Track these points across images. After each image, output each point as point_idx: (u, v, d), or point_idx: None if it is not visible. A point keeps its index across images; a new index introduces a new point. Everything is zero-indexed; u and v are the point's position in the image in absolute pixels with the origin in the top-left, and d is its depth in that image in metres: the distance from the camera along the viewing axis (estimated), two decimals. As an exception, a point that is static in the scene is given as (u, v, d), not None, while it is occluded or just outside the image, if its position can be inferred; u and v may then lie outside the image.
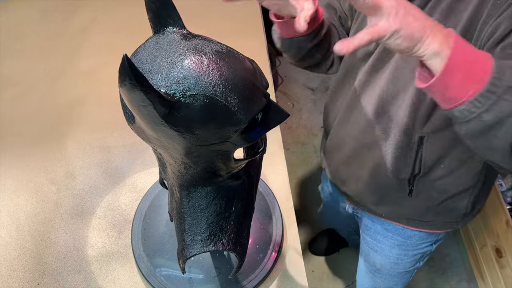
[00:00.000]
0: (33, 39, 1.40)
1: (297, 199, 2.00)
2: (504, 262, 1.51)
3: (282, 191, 1.01)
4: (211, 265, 0.88)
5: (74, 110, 1.20)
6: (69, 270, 0.91)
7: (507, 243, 1.48)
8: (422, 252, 1.09)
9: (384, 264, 1.15)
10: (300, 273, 0.90)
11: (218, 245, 0.68)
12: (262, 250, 0.90)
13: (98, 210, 1.00)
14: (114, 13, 1.47)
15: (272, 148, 1.09)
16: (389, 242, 1.08)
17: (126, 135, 1.13)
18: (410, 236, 1.04)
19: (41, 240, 0.95)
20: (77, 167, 1.08)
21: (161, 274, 0.87)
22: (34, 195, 1.03)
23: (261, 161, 0.76)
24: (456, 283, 1.77)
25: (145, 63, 0.52)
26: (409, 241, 1.05)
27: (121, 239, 0.95)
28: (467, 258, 1.80)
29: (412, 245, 1.06)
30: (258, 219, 0.94)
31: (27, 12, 1.50)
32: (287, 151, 2.15)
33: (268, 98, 0.57)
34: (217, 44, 0.54)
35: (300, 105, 2.36)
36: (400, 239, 1.05)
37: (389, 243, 1.08)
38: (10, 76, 1.29)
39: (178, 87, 0.49)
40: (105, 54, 1.34)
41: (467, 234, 1.79)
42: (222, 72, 0.51)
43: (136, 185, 1.04)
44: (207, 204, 0.66)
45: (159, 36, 0.55)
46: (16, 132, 1.15)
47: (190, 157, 0.57)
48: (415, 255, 1.09)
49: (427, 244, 1.06)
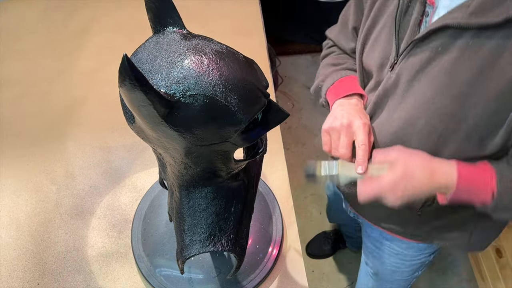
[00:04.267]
0: (33, 39, 1.40)
1: (297, 199, 2.00)
2: (504, 262, 1.51)
3: (282, 191, 1.01)
4: (211, 265, 0.88)
5: (74, 110, 1.20)
6: (69, 270, 0.91)
7: (507, 243, 1.48)
8: (421, 262, 1.08)
9: (382, 270, 1.14)
10: (300, 273, 0.90)
11: (217, 246, 0.68)
12: (262, 250, 0.90)
13: (98, 210, 1.00)
14: (114, 13, 1.47)
15: (272, 148, 1.09)
16: (387, 250, 1.07)
17: (126, 135, 1.13)
18: (408, 248, 1.02)
19: (41, 240, 0.95)
20: (77, 167, 1.08)
21: (161, 274, 0.87)
22: (34, 195, 1.03)
23: (261, 162, 0.76)
24: (456, 283, 1.77)
25: (145, 63, 0.52)
26: (406, 252, 1.04)
27: (121, 239, 0.95)
28: (467, 258, 1.80)
29: (410, 255, 1.05)
30: (258, 219, 0.94)
31: (27, 12, 1.50)
32: (287, 151, 2.15)
33: (268, 98, 0.57)
34: (217, 44, 0.54)
35: (300, 105, 2.36)
36: (398, 249, 1.04)
37: (387, 251, 1.07)
38: (10, 76, 1.29)
39: (178, 87, 0.49)
40: (105, 54, 1.34)
41: (467, 234, 1.79)
42: (222, 72, 0.51)
43: (136, 185, 1.04)
44: (206, 204, 0.65)
45: (159, 36, 0.55)
46: (16, 132, 1.15)
47: (190, 157, 0.57)
48: (413, 265, 1.08)
49: (425, 255, 1.05)
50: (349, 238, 1.77)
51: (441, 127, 0.71)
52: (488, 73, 0.63)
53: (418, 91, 0.71)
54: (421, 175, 0.67)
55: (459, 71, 0.66)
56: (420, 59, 0.70)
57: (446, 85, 0.68)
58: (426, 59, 0.69)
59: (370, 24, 0.81)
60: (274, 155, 1.08)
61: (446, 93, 0.68)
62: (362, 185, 0.71)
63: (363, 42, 0.84)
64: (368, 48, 0.83)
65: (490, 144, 0.70)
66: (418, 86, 0.71)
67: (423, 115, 0.72)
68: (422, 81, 0.71)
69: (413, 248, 1.02)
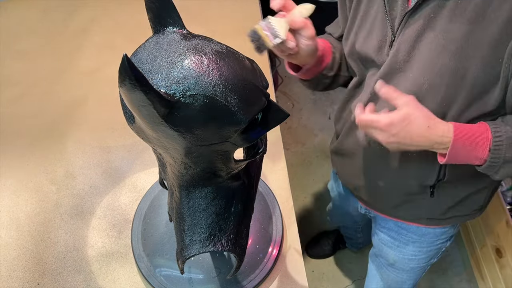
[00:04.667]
0: (33, 39, 1.40)
1: (297, 199, 2.00)
2: (504, 262, 1.51)
3: (282, 191, 1.01)
4: (211, 265, 0.88)
5: (74, 110, 1.20)
6: (69, 270, 0.91)
7: (507, 243, 1.48)
8: (437, 248, 1.09)
9: (398, 260, 1.14)
10: (300, 273, 0.90)
11: (217, 246, 0.68)
12: (262, 250, 0.90)
13: (98, 210, 1.00)
14: (114, 13, 1.47)
15: (272, 148, 1.09)
16: (403, 239, 1.07)
17: (126, 135, 1.13)
18: (424, 234, 1.04)
19: (41, 240, 0.95)
20: (77, 167, 1.08)
21: (161, 274, 0.87)
22: (34, 195, 1.03)
23: (261, 162, 0.76)
24: (456, 283, 1.77)
25: (145, 63, 0.52)
26: (423, 239, 1.05)
27: (121, 239, 0.95)
28: (467, 258, 1.79)
29: (427, 242, 1.06)
30: (258, 219, 0.94)
31: (27, 12, 1.50)
32: (287, 151, 2.15)
33: (268, 98, 0.57)
34: (217, 44, 0.54)
35: (300, 105, 2.36)
36: (414, 237, 1.05)
37: (404, 240, 1.08)
38: (10, 76, 1.29)
39: (178, 87, 0.49)
40: (105, 54, 1.34)
41: (467, 234, 1.79)
42: (222, 72, 0.51)
43: (136, 185, 1.04)
44: (206, 204, 0.65)
45: (159, 36, 0.55)
46: (16, 132, 1.15)
47: (190, 157, 0.57)
48: (429, 251, 1.09)
49: (442, 240, 1.06)
50: (349, 239, 1.78)
51: (444, 87, 0.73)
52: (480, 24, 0.67)
53: (419, 59, 0.74)
54: (419, 124, 0.69)
55: (452, 28, 0.69)
56: (415, 29, 0.73)
57: (442, 45, 0.71)
58: (421, 27, 0.72)
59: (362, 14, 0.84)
60: (274, 155, 1.08)
61: (444, 52, 0.71)
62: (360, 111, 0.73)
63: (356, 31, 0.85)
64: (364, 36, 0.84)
65: (491, 99, 0.72)
66: (418, 54, 0.74)
67: (426, 79, 0.74)
68: (421, 48, 0.74)
69: (429, 234, 1.03)
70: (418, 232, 1.04)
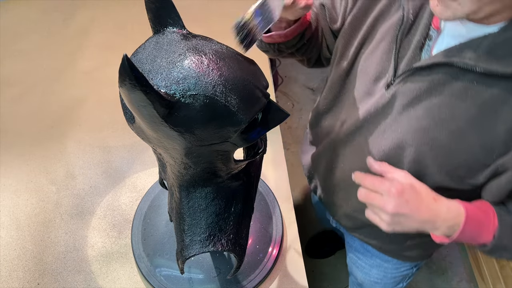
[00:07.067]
0: (33, 39, 1.40)
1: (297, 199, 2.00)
2: (504, 262, 1.51)
3: (282, 191, 1.01)
4: (211, 265, 0.88)
5: (74, 110, 1.20)
6: (69, 270, 0.91)
7: (507, 243, 1.48)
8: (402, 276, 1.06)
9: (365, 281, 1.12)
10: (300, 273, 0.90)
11: (217, 246, 0.68)
12: (262, 250, 0.90)
13: (98, 210, 1.00)
14: (114, 13, 1.47)
15: (272, 148, 1.09)
16: (368, 261, 1.05)
17: (126, 135, 1.13)
18: (388, 260, 1.00)
19: (41, 240, 0.95)
20: (77, 167, 1.08)
21: (161, 274, 0.87)
22: (34, 195, 1.03)
23: (261, 162, 0.76)
24: (456, 283, 1.77)
25: (145, 63, 0.52)
26: (387, 264, 1.02)
27: (121, 239, 0.95)
28: (467, 258, 1.79)
29: (391, 268, 1.03)
30: (258, 219, 0.94)
31: (27, 12, 1.50)
32: (287, 151, 2.15)
33: (268, 98, 0.57)
34: (217, 44, 0.54)
35: (300, 105, 2.36)
36: (378, 261, 1.03)
37: (369, 263, 1.05)
38: (10, 76, 1.29)
39: (178, 87, 0.49)
40: (105, 54, 1.34)
41: (467, 234, 1.79)
42: (222, 72, 0.51)
43: (136, 185, 1.04)
44: (206, 204, 0.65)
45: (159, 36, 0.55)
46: (16, 132, 1.15)
47: (190, 157, 0.57)
48: (394, 277, 1.06)
49: (406, 267, 1.03)
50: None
51: (430, 157, 0.69)
52: (489, 116, 0.62)
53: (413, 118, 0.69)
54: (427, 194, 0.65)
55: (460, 107, 0.64)
56: (419, 87, 0.67)
57: (444, 119, 0.65)
58: (426, 89, 0.67)
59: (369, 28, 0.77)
60: (274, 155, 1.08)
61: (444, 126, 0.66)
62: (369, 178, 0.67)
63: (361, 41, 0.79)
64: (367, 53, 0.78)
65: (472, 181, 0.69)
66: (413, 113, 0.69)
67: (414, 142, 0.69)
68: (419, 109, 0.68)
69: (393, 261, 1.00)
70: (382, 257, 1.01)
